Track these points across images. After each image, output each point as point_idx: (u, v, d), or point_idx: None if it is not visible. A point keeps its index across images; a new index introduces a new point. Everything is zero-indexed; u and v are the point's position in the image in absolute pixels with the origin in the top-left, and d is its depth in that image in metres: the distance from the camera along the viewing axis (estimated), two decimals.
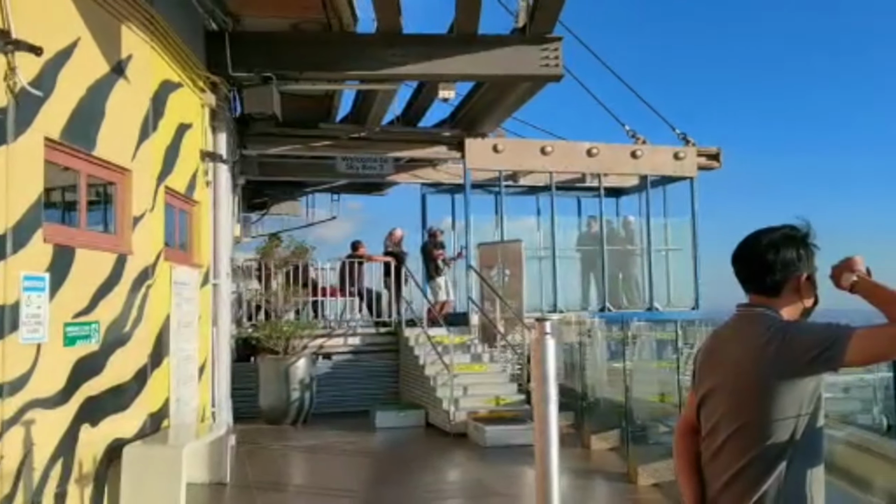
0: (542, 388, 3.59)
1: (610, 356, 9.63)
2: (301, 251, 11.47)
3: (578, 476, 7.56)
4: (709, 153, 13.72)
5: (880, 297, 2.07)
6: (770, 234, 2.32)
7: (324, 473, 7.98)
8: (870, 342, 2.02)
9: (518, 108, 11.06)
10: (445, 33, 8.96)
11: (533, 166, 12.92)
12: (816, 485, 2.18)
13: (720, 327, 2.47)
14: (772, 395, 2.11)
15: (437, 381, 9.88)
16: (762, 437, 2.13)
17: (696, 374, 2.44)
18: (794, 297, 2.27)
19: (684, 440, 2.45)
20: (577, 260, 14.29)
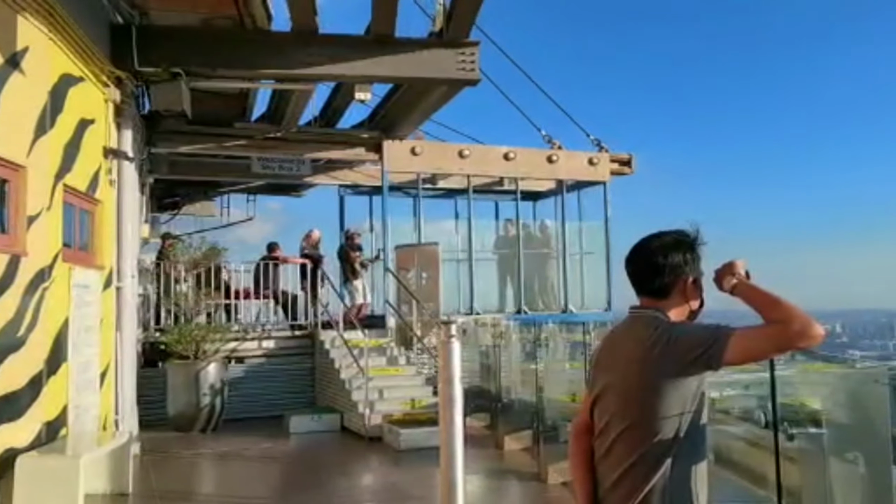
0: (447, 389, 3.62)
1: (524, 358, 9.76)
2: (213, 253, 11.17)
3: (491, 476, 7.64)
4: (621, 159, 14.13)
5: (757, 300, 2.17)
6: (659, 238, 2.40)
7: (234, 481, 7.79)
8: (747, 342, 2.11)
9: (435, 111, 11.11)
10: (362, 34, 8.91)
11: (451, 169, 13.01)
12: (700, 480, 2.26)
13: (613, 329, 2.54)
14: (658, 394, 2.18)
15: (353, 385, 9.80)
16: (649, 435, 2.20)
17: (591, 375, 2.50)
18: (682, 300, 2.35)
19: (579, 439, 2.51)
20: (494, 263, 14.47)
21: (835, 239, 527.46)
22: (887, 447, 2.31)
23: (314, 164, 13.13)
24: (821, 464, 2.68)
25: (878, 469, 2.36)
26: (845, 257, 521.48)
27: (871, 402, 2.39)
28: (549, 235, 14.56)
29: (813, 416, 2.79)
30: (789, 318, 2.05)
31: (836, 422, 2.70)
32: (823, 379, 2.82)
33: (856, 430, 2.52)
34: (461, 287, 13.41)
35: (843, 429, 2.61)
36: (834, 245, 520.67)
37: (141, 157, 9.73)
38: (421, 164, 12.62)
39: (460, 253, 13.68)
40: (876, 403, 2.36)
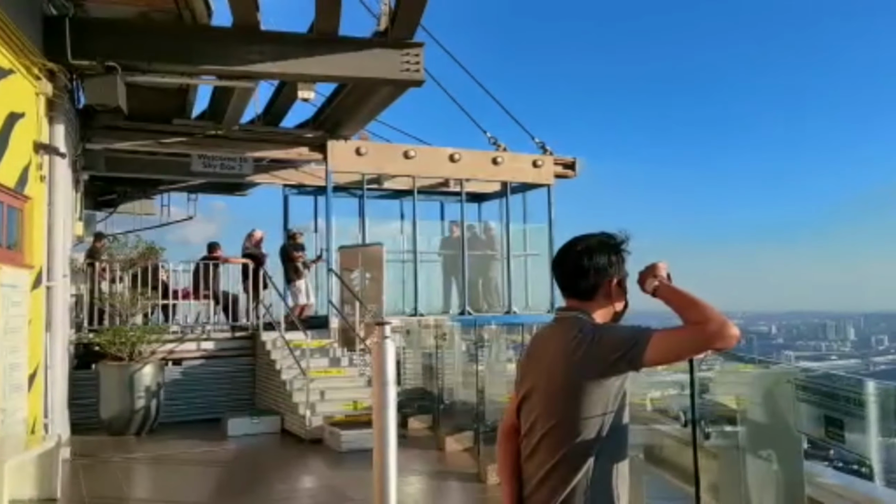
0: (381, 391, 3.61)
1: (467, 359, 9.81)
2: (150, 252, 10.90)
3: (431, 478, 7.65)
4: (565, 162, 14.31)
5: (677, 302, 2.22)
6: (585, 240, 2.43)
7: (168, 485, 7.61)
8: (666, 343, 2.16)
9: (380, 111, 11.08)
10: (306, 33, 8.83)
11: (396, 170, 12.98)
12: (622, 479, 2.30)
13: (540, 330, 2.57)
14: (580, 394, 2.21)
15: (294, 386, 9.69)
16: (572, 435, 2.23)
17: (518, 376, 2.53)
18: (606, 302, 2.39)
19: (506, 440, 2.53)
20: (439, 264, 14.50)
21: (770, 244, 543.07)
22: (798, 445, 2.40)
23: (257, 164, 12.93)
24: (738, 461, 2.76)
25: (789, 466, 2.45)
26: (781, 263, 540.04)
27: (783, 402, 2.48)
28: (494, 237, 14.67)
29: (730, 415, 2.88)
30: (706, 320, 2.11)
31: (751, 420, 2.79)
32: (741, 379, 2.91)
33: (770, 428, 2.61)
34: (406, 288, 13.41)
35: (757, 427, 2.70)
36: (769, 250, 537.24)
37: (75, 153, 9.45)
38: (366, 165, 12.56)
39: (405, 254, 13.67)
40: (787, 403, 2.45)
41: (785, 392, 2.48)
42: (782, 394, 2.53)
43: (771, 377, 2.69)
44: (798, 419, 2.41)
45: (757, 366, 2.91)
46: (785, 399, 2.50)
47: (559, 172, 14.15)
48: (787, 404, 2.48)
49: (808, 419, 2.34)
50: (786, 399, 2.48)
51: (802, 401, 2.35)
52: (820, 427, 2.25)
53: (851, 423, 2.14)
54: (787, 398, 2.47)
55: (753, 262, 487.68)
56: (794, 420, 2.45)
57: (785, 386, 2.47)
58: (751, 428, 2.75)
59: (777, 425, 2.59)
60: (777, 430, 2.58)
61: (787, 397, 2.47)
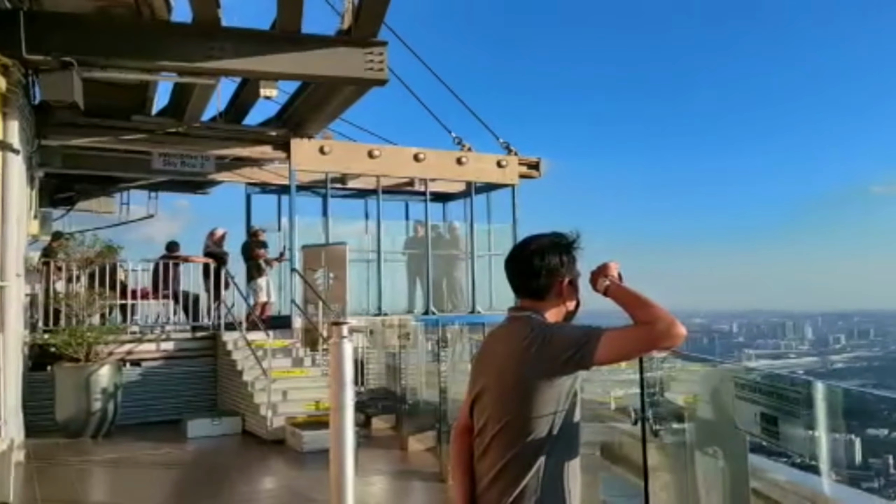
0: (338, 392, 3.59)
1: (431, 359, 9.81)
2: (109, 251, 10.70)
3: (394, 478, 7.64)
4: (529, 162, 14.38)
5: (627, 301, 2.25)
6: (537, 240, 2.45)
7: (125, 489, 7.48)
8: (616, 342, 2.18)
9: (344, 110, 11.03)
10: (268, 30, 8.75)
11: (360, 170, 12.93)
12: (573, 477, 2.32)
13: (493, 330, 2.58)
14: (532, 393, 2.23)
15: (255, 387, 9.59)
16: (523, 434, 2.24)
17: (471, 375, 2.54)
18: (558, 301, 2.41)
19: (459, 439, 2.54)
20: (403, 264, 14.48)
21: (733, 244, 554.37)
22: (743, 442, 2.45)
23: (220, 162, 12.79)
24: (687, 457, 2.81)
25: (734, 462, 2.50)
26: (743, 262, 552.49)
27: (726, 400, 2.53)
28: (458, 237, 14.70)
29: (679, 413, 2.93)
30: (655, 319, 2.14)
31: (698, 418, 2.84)
32: (689, 378, 2.96)
33: (716, 425, 2.66)
34: (370, 288, 13.38)
35: (704, 424, 2.75)
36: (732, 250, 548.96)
37: (30, 150, 9.24)
38: (330, 164, 12.49)
39: (370, 253, 13.62)
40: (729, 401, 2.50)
41: (728, 390, 2.53)
42: (725, 392, 2.58)
43: (716, 376, 2.74)
44: (738, 417, 2.46)
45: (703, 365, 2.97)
46: (728, 397, 2.55)
47: (523, 173, 14.23)
48: (729, 402, 2.54)
49: (746, 416, 2.40)
50: (728, 397, 2.53)
51: (740, 398, 2.40)
52: (757, 424, 2.31)
53: (784, 420, 2.20)
54: (729, 396, 2.52)
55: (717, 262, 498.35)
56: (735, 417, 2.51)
57: (727, 385, 2.52)
58: (698, 425, 2.80)
59: (722, 423, 2.64)
60: (722, 428, 2.64)
61: (729, 396, 2.52)
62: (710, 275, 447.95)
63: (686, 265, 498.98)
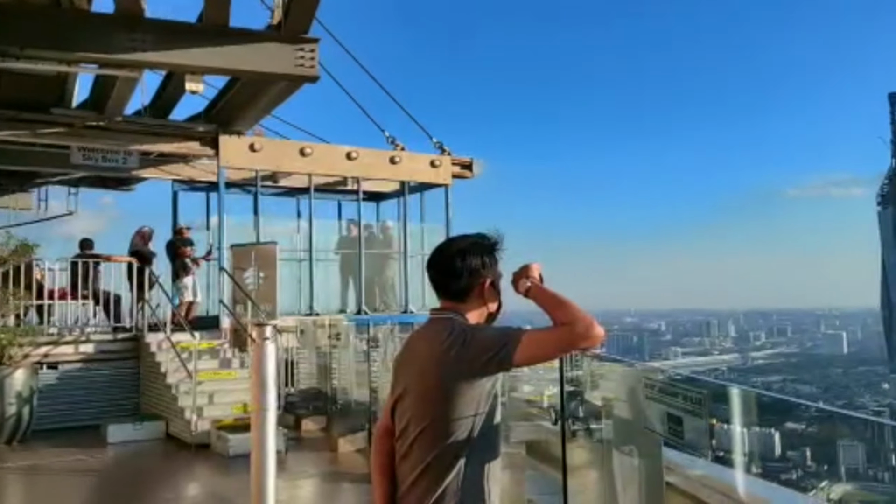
0: (260, 395, 3.51)
1: (363, 359, 9.74)
2: (24, 249, 10.23)
3: (323, 480, 7.55)
4: (462, 163, 14.43)
5: (547, 303, 2.26)
6: (459, 242, 2.45)
7: (41, 497, 7.16)
8: (536, 343, 2.19)
9: (275, 107, 10.84)
10: (194, 23, 8.53)
11: (292, 168, 12.74)
12: (493, 478, 2.32)
13: (415, 331, 2.57)
14: (452, 395, 2.22)
15: (180, 390, 9.33)
16: (443, 436, 2.23)
17: (393, 377, 2.51)
18: (480, 303, 2.41)
19: (381, 442, 2.51)
20: (336, 263, 14.35)
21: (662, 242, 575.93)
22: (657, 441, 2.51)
23: (144, 157, 12.40)
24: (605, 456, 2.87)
25: (649, 460, 2.56)
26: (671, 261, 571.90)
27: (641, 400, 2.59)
28: (391, 236, 14.65)
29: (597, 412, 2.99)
30: (574, 321, 2.16)
31: (616, 417, 2.90)
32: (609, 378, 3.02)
33: (631, 424, 2.72)
34: (301, 287, 13.20)
35: (621, 424, 2.80)
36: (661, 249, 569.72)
37: None
38: (260, 161, 12.26)
39: (301, 253, 13.45)
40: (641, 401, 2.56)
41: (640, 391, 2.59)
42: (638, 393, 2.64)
43: (630, 377, 2.80)
44: (648, 417, 2.52)
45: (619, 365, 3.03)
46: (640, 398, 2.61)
47: (457, 173, 14.27)
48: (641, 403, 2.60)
49: (655, 416, 2.46)
50: (641, 398, 2.59)
51: (650, 399, 2.46)
52: (664, 424, 2.37)
53: (688, 420, 2.26)
54: (642, 397, 2.58)
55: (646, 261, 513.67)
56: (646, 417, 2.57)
57: (640, 385, 2.58)
58: (615, 425, 2.86)
59: (637, 422, 2.70)
60: (637, 427, 2.69)
61: (642, 396, 2.58)
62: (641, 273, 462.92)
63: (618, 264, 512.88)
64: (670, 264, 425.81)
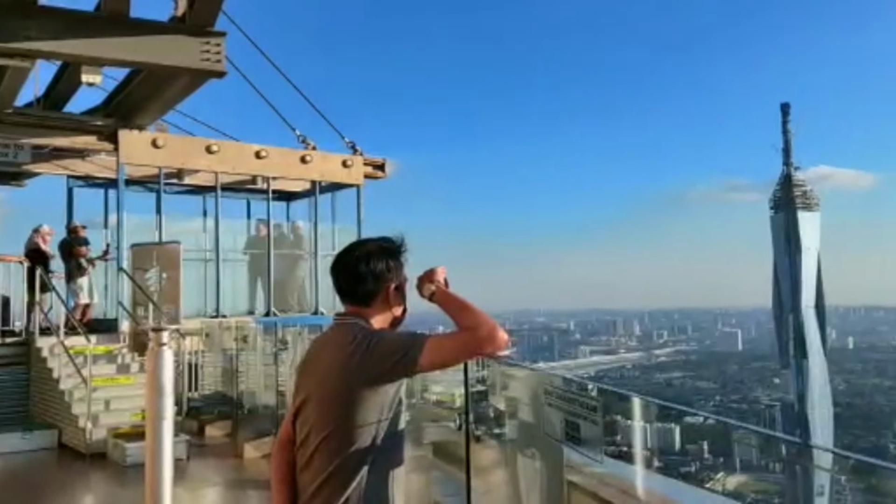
0: (156, 402, 3.36)
1: (271, 361, 9.53)
2: None
3: (227, 488, 7.36)
4: (374, 163, 14.35)
5: (451, 307, 2.26)
6: (363, 245, 2.41)
7: None
8: (440, 348, 2.18)
9: (179, 101, 10.46)
10: (92, 11, 8.12)
11: (197, 165, 12.33)
12: (397, 484, 2.29)
13: (318, 337, 2.51)
14: (355, 402, 2.18)
15: (74, 396, 8.88)
16: (346, 443, 2.18)
17: (295, 384, 2.45)
18: (385, 307, 2.37)
19: (281, 450, 2.45)
20: (244, 263, 14.00)
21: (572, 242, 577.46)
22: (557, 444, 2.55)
23: (36, 151, 11.73)
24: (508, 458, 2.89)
25: (551, 463, 2.60)
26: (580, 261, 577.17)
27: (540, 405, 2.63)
28: (302, 236, 14.42)
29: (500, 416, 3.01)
30: (477, 326, 2.16)
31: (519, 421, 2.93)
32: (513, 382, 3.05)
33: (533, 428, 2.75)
34: (207, 288, 12.80)
35: (523, 427, 2.84)
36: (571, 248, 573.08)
37: None
38: (164, 158, 11.81)
39: (208, 253, 13.04)
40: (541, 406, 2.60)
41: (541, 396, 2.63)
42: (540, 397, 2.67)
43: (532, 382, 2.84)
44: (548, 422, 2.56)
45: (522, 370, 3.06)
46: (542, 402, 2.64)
47: (369, 173, 14.17)
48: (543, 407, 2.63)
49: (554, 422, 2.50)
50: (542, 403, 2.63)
51: (549, 405, 2.50)
52: (562, 429, 2.41)
53: (585, 425, 2.31)
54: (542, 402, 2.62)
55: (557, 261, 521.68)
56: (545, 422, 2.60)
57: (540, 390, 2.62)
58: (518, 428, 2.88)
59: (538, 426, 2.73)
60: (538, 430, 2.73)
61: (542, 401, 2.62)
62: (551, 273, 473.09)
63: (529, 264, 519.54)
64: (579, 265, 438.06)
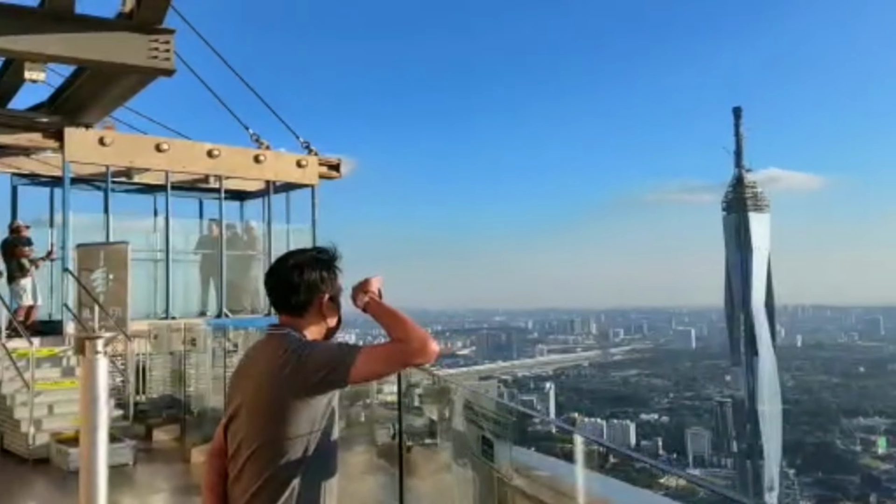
0: (90, 414, 3.30)
1: (221, 364, 9.40)
2: None
3: (174, 494, 7.25)
4: (329, 163, 14.25)
5: (384, 319, 2.27)
6: (297, 256, 2.40)
7: None
8: (372, 359, 2.19)
9: (126, 99, 10.26)
10: (35, 7, 7.92)
11: (147, 164, 12.10)
12: (330, 495, 2.29)
13: (250, 348, 2.50)
14: (287, 414, 2.17)
15: (16, 401, 8.66)
16: (277, 456, 2.18)
17: (228, 395, 2.43)
18: (319, 318, 2.37)
19: (212, 462, 2.43)
20: (196, 264, 13.78)
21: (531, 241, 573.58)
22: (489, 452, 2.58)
23: None
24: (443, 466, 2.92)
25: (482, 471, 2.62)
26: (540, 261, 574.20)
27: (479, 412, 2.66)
28: (256, 237, 14.26)
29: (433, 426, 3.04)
30: (409, 337, 2.17)
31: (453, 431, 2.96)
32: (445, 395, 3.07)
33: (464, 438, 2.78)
34: (157, 289, 12.57)
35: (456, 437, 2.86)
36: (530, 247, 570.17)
37: None
38: (112, 157, 11.56)
39: (158, 253, 12.80)
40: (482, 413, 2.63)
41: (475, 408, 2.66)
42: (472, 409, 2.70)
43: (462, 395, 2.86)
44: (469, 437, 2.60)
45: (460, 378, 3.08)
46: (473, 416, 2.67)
47: (324, 173, 14.07)
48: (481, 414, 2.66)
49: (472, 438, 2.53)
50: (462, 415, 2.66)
51: (469, 420, 2.54)
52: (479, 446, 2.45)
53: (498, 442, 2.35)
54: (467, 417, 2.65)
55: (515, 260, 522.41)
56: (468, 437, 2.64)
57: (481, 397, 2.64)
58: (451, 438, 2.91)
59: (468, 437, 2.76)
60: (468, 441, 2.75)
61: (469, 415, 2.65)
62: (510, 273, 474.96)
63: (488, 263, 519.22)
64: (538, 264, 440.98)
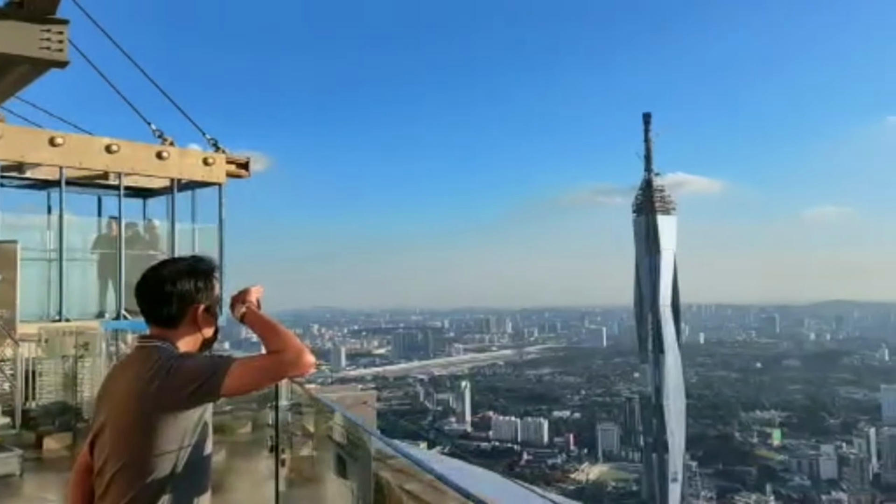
0: None
1: None
2: None
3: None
4: (238, 161, 13.91)
5: (261, 329, 2.23)
6: (170, 266, 2.34)
7: None
8: (246, 371, 2.15)
9: (16, 91, 9.67)
10: None
11: (39, 158, 11.49)
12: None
13: (118, 361, 2.43)
14: (153, 430, 2.11)
15: None
16: (144, 473, 2.11)
17: (94, 410, 2.35)
18: (193, 329, 2.32)
19: (78, 479, 2.35)
20: (94, 263, 13.20)
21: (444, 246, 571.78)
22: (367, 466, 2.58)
23: None
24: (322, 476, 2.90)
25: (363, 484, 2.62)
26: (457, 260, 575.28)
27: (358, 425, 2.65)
28: (159, 235, 13.77)
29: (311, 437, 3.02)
30: (284, 349, 2.15)
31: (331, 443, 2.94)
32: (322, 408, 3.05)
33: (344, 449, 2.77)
34: (51, 290, 11.97)
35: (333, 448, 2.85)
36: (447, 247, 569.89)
37: None
38: (1, 150, 10.92)
39: (52, 252, 12.19)
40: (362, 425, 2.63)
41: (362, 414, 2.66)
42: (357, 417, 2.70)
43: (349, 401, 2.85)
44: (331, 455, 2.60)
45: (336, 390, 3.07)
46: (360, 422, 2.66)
47: (232, 171, 13.71)
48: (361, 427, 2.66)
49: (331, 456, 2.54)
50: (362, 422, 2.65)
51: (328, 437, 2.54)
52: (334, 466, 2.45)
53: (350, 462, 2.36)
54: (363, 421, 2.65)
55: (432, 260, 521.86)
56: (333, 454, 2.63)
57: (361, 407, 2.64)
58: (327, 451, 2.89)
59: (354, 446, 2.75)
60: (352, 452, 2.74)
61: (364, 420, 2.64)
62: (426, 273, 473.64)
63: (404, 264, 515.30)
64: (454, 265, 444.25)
